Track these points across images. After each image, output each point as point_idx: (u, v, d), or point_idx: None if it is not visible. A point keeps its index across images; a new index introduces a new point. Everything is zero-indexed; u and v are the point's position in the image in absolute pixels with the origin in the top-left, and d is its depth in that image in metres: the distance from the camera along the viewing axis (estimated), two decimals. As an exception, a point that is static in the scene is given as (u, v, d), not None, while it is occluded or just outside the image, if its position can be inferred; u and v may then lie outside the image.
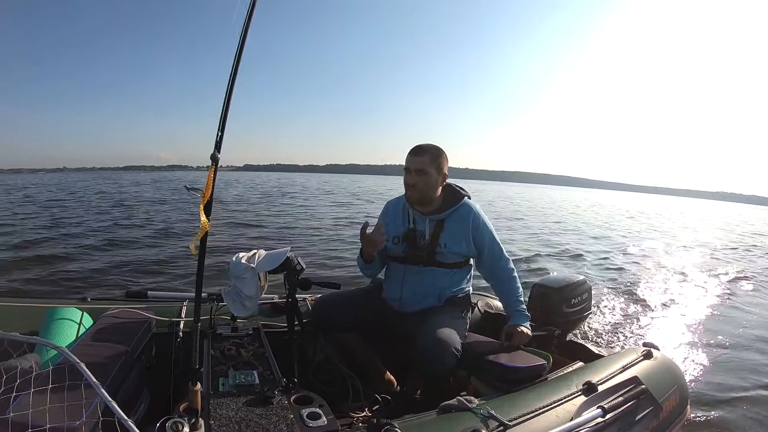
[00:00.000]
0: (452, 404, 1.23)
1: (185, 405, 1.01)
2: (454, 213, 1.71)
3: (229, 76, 1.00)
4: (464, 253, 1.73)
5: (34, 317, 1.62)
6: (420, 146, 1.69)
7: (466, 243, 1.71)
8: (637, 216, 22.37)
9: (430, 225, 1.71)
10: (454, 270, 1.74)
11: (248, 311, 1.58)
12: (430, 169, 1.66)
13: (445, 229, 1.70)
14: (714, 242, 12.66)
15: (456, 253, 1.71)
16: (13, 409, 0.90)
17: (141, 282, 4.55)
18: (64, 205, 12.94)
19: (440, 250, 1.70)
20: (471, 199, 1.79)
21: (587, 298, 2.10)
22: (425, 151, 1.67)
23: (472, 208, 1.74)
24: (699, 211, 38.39)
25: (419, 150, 1.68)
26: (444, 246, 1.69)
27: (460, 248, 1.71)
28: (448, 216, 1.71)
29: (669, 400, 1.63)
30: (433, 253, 1.70)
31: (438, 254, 1.70)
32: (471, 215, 1.72)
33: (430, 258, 1.70)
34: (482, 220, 1.74)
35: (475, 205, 1.77)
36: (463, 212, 1.72)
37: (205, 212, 0.98)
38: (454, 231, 1.70)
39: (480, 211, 1.76)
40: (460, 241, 1.70)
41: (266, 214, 11.84)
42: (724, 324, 4.33)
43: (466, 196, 1.77)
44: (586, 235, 11.68)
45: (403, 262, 1.75)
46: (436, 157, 1.67)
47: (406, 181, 1.69)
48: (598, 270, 6.80)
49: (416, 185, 1.68)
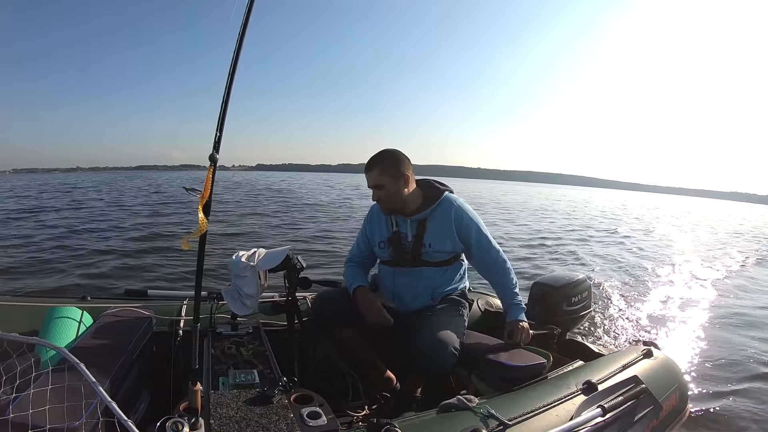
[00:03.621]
0: (452, 403, 1.23)
1: (185, 404, 1.01)
2: (435, 211, 1.68)
3: (227, 76, 0.99)
4: (450, 250, 1.70)
5: (33, 316, 1.61)
6: (369, 160, 1.66)
7: (451, 240, 1.68)
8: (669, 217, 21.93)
9: (412, 226, 1.69)
10: (444, 267, 1.72)
11: (248, 310, 1.59)
12: (384, 180, 1.63)
13: (428, 229, 1.68)
14: (725, 241, 12.61)
15: (442, 252, 1.69)
16: (13, 410, 0.90)
17: (140, 281, 4.57)
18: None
19: (425, 250, 1.68)
20: (453, 193, 1.75)
21: (587, 297, 2.10)
22: (373, 164, 1.64)
23: (453, 202, 1.71)
24: (719, 211, 38.01)
25: (368, 165, 1.66)
26: (429, 246, 1.67)
27: (444, 246, 1.68)
28: (430, 214, 1.68)
29: (669, 400, 1.64)
30: (418, 254, 1.68)
31: (424, 254, 1.68)
32: (452, 210, 1.68)
33: (416, 259, 1.69)
34: (465, 213, 1.70)
35: (458, 199, 1.74)
36: (444, 208, 1.69)
37: (204, 212, 0.97)
38: (437, 229, 1.68)
39: (463, 204, 1.73)
40: (444, 239, 1.68)
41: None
42: (725, 323, 4.32)
43: (447, 191, 1.73)
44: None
45: (391, 265, 1.75)
46: (387, 165, 1.63)
47: (372, 199, 1.70)
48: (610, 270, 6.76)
49: (380, 199, 1.67)
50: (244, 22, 1.01)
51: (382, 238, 1.76)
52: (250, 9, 1.01)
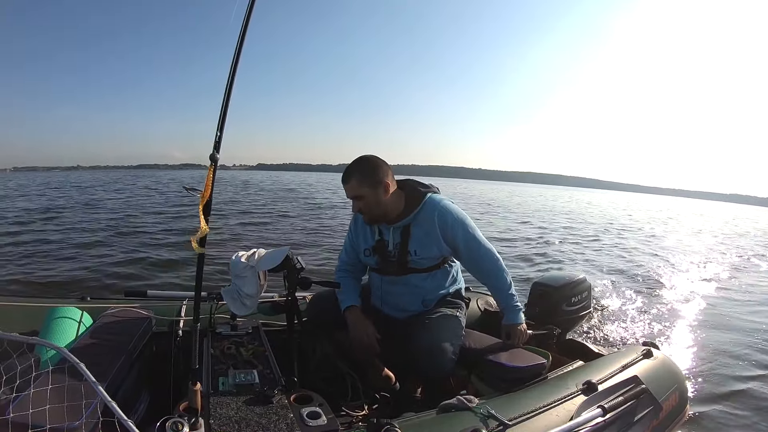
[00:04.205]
0: (452, 403, 1.23)
1: (185, 404, 1.02)
2: (417, 215, 1.60)
3: (228, 76, 0.99)
4: (436, 255, 1.63)
5: (33, 316, 1.62)
6: (345, 171, 1.60)
7: (437, 245, 1.60)
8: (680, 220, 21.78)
9: (395, 234, 1.63)
10: (433, 273, 1.66)
11: (248, 310, 1.58)
12: (362, 190, 1.56)
13: (412, 235, 1.60)
14: (726, 241, 12.60)
15: (428, 258, 1.62)
16: (13, 409, 0.90)
17: (140, 280, 4.57)
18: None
19: (411, 258, 1.61)
20: (438, 192, 1.68)
21: (587, 297, 2.10)
22: (350, 175, 1.57)
23: (437, 204, 1.61)
24: (726, 214, 37.82)
25: (344, 176, 1.59)
26: (414, 253, 1.61)
27: (431, 252, 1.61)
28: (413, 219, 1.60)
29: (669, 400, 1.64)
30: (404, 261, 1.62)
31: (411, 262, 1.62)
32: (435, 213, 1.59)
33: (402, 268, 1.63)
34: (450, 213, 1.61)
35: (443, 199, 1.65)
36: (427, 212, 1.60)
37: (204, 213, 0.98)
38: (421, 235, 1.60)
39: (447, 205, 1.63)
40: (429, 245, 1.60)
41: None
42: (725, 323, 4.32)
43: (430, 192, 1.65)
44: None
45: (379, 273, 1.70)
46: (364, 175, 1.56)
47: (352, 210, 1.64)
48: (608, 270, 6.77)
49: (361, 210, 1.60)
50: (245, 23, 1.02)
51: (367, 246, 1.71)
52: (250, 11, 1.02)
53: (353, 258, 1.80)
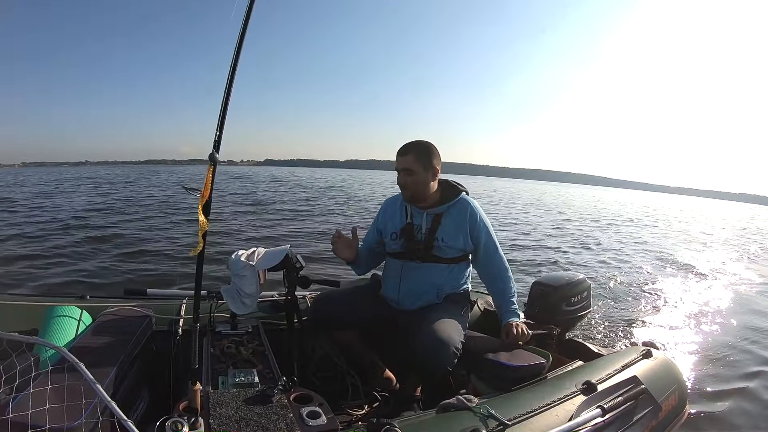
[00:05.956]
0: (452, 403, 1.23)
1: (185, 404, 1.02)
2: (451, 208, 1.72)
3: (228, 75, 0.99)
4: (461, 247, 1.72)
5: (33, 315, 1.61)
6: (405, 145, 1.70)
7: (464, 237, 1.71)
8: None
9: (428, 219, 1.72)
10: (452, 266, 1.74)
11: (248, 309, 1.59)
12: (416, 166, 1.66)
13: (442, 224, 1.71)
14: (727, 242, 12.56)
15: (453, 248, 1.71)
16: (12, 409, 0.90)
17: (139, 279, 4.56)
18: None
19: (437, 244, 1.70)
20: (469, 194, 1.79)
21: (587, 297, 2.10)
22: (409, 149, 1.68)
23: (469, 203, 1.75)
24: (740, 214, 37.55)
25: (403, 149, 1.69)
26: (441, 240, 1.70)
27: (457, 242, 1.71)
28: (446, 210, 1.72)
29: (668, 400, 1.64)
30: (430, 247, 1.70)
31: (435, 248, 1.70)
32: (468, 210, 1.73)
33: (427, 252, 1.71)
34: (479, 215, 1.75)
35: (473, 201, 1.78)
36: (461, 207, 1.73)
37: (204, 212, 0.97)
38: (451, 225, 1.71)
39: (477, 206, 1.77)
40: (457, 236, 1.70)
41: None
42: (725, 323, 4.33)
43: (464, 192, 1.78)
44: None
45: (401, 258, 1.75)
46: (421, 154, 1.67)
47: (398, 182, 1.71)
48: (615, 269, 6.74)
49: (406, 184, 1.69)
50: (245, 23, 1.01)
51: (395, 229, 1.77)
52: (250, 10, 1.01)
53: (371, 245, 1.90)
